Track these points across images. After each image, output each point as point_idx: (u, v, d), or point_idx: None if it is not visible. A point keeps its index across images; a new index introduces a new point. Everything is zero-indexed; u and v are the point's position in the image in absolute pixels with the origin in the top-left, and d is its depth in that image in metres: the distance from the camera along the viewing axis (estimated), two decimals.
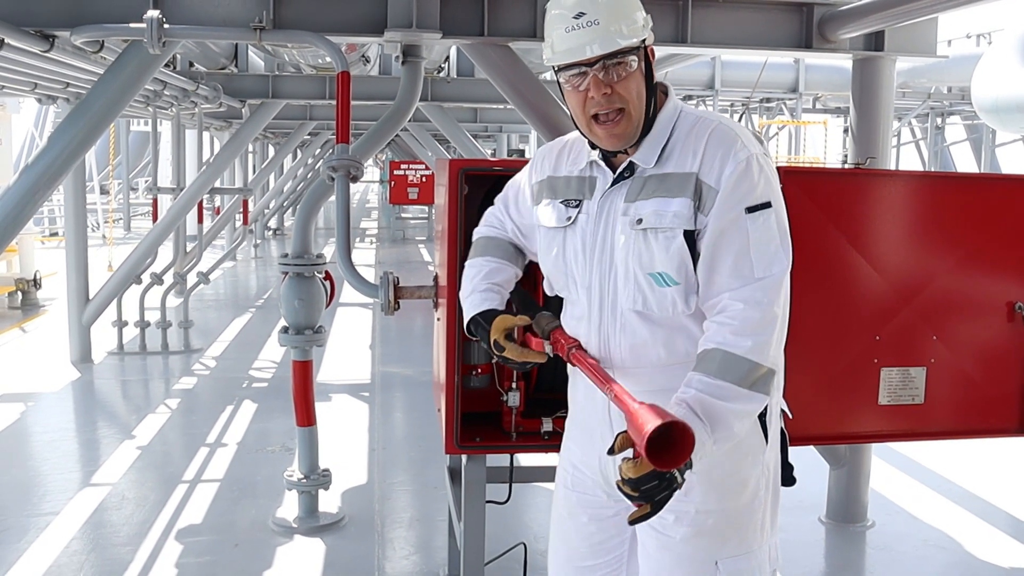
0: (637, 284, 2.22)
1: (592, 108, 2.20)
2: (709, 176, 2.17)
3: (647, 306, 2.23)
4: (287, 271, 4.98)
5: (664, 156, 2.24)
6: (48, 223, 23.82)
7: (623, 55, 2.16)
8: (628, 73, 2.18)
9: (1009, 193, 3.94)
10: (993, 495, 5.73)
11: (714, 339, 2.12)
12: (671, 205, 2.17)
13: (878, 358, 3.85)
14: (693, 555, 2.31)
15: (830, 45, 5.10)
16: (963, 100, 22.66)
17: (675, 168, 2.21)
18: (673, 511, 2.24)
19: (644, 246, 2.20)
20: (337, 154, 4.57)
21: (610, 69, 2.16)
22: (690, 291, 2.20)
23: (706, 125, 2.25)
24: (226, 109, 10.63)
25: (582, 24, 2.14)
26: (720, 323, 2.13)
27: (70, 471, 6.09)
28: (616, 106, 2.18)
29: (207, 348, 10.02)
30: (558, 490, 2.61)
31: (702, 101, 23.86)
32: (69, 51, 5.71)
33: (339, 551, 4.86)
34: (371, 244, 23.21)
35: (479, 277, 2.53)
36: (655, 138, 2.26)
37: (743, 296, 2.12)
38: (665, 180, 2.21)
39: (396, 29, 4.85)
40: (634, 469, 1.90)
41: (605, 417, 2.36)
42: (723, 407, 2.06)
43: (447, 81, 10.33)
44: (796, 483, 2.49)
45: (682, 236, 2.16)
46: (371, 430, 7.02)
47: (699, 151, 2.20)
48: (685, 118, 2.29)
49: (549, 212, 2.39)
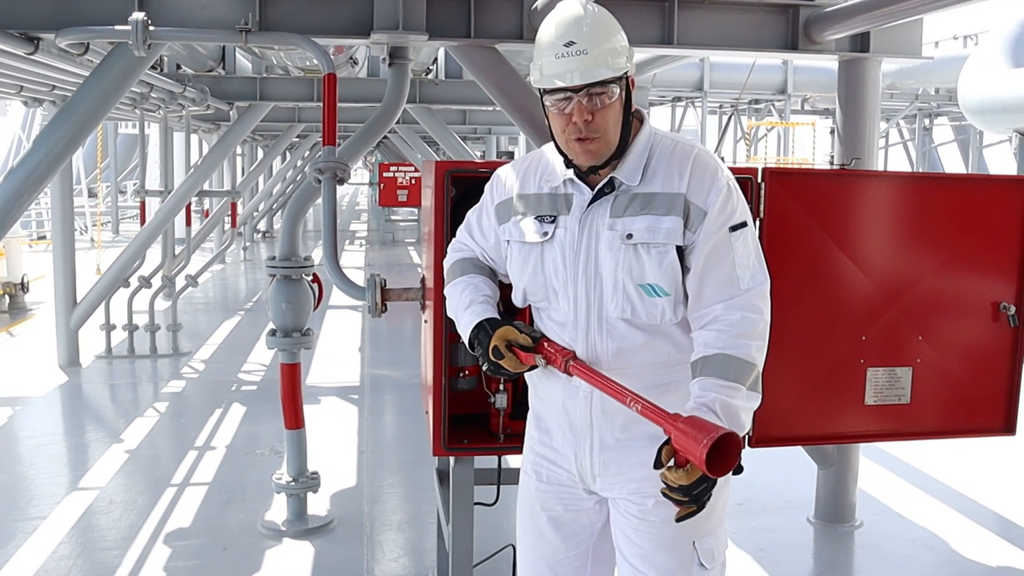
0: (626, 294, 2.36)
1: (573, 133, 2.33)
2: (697, 198, 2.34)
3: (635, 314, 2.37)
4: (274, 274, 4.98)
5: (647, 175, 2.39)
6: (36, 226, 23.72)
7: (607, 84, 2.30)
8: (610, 102, 2.32)
9: (993, 193, 3.96)
10: (980, 494, 5.75)
11: (715, 345, 2.29)
12: (663, 223, 2.33)
13: (864, 358, 3.86)
14: (673, 537, 2.44)
15: (816, 46, 5.12)
16: (950, 101, 22.79)
17: (662, 188, 2.36)
18: (652, 496, 2.39)
19: (635, 259, 2.34)
20: (324, 156, 4.56)
21: (594, 97, 2.30)
22: (678, 301, 2.37)
23: (686, 150, 2.42)
24: (214, 111, 10.60)
25: (572, 52, 2.28)
26: (719, 331, 2.30)
27: (58, 475, 6.06)
28: (593, 135, 2.32)
29: (196, 351, 9.99)
30: (526, 486, 2.67)
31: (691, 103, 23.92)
32: (54, 53, 5.70)
33: (328, 554, 4.85)
34: (360, 246, 23.18)
35: (470, 290, 2.59)
36: (636, 158, 2.40)
37: (738, 305, 2.32)
38: (653, 198, 2.35)
39: (382, 31, 4.85)
40: (686, 476, 2.07)
41: (587, 417, 2.46)
42: (737, 406, 2.24)
43: (435, 83, 10.33)
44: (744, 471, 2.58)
45: (674, 251, 2.33)
46: (360, 433, 7.01)
47: (684, 174, 2.37)
48: (661, 141, 2.45)
49: (522, 228, 2.49)
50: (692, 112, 25.99)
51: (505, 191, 2.58)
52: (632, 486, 2.44)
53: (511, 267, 2.54)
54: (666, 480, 2.08)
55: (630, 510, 2.46)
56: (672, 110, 26.70)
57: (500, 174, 2.64)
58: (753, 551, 4.84)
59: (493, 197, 2.62)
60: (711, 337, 2.30)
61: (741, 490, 5.46)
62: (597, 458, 2.46)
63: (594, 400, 2.42)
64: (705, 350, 2.29)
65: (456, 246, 2.76)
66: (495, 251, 2.63)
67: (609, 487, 2.48)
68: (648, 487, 2.39)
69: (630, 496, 2.45)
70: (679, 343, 2.40)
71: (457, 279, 2.65)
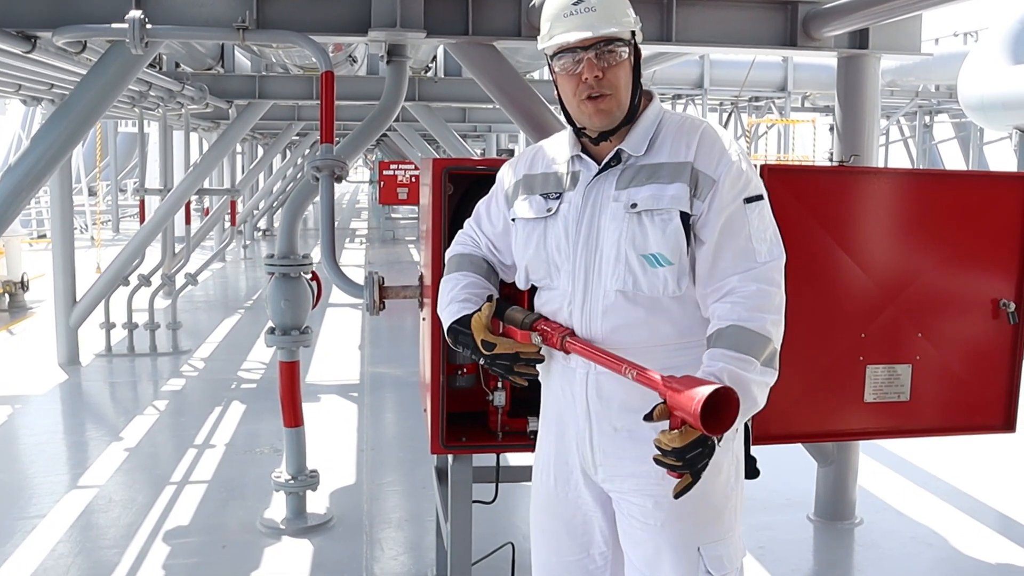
0: (628, 266, 2.32)
1: (584, 91, 2.32)
2: (706, 167, 2.32)
3: (636, 286, 2.32)
4: (273, 272, 4.97)
5: (654, 147, 2.37)
6: (36, 225, 23.73)
7: (615, 43, 2.31)
8: (618, 62, 2.33)
9: (992, 190, 3.95)
10: (980, 491, 5.74)
11: (730, 317, 2.23)
12: (668, 190, 2.31)
13: (864, 355, 3.86)
14: (675, 541, 2.38)
15: (815, 43, 5.11)
16: (951, 98, 22.78)
17: (668, 158, 2.35)
18: (651, 495, 2.37)
19: (639, 228, 2.31)
20: (321, 154, 4.56)
21: (603, 55, 2.31)
22: (682, 273, 2.32)
23: (695, 124, 2.41)
24: (213, 110, 10.59)
25: (580, 10, 2.31)
26: (734, 303, 2.24)
27: (57, 474, 6.06)
28: (605, 91, 2.32)
29: (196, 349, 9.99)
30: (539, 487, 2.63)
31: (691, 100, 23.91)
32: (52, 52, 5.69)
33: (327, 552, 4.85)
34: (361, 244, 23.18)
35: (457, 288, 2.58)
36: (643, 129, 2.39)
37: (755, 277, 2.26)
38: (659, 169, 2.34)
39: (380, 28, 4.84)
40: (680, 438, 2.00)
41: (584, 402, 2.43)
42: (748, 379, 2.17)
43: (434, 81, 10.32)
44: (760, 476, 2.56)
45: (679, 218, 2.29)
46: (360, 430, 7.01)
47: (692, 144, 2.35)
48: (671, 117, 2.44)
49: (527, 205, 2.48)
50: (693, 109, 25.99)
51: (516, 172, 2.59)
52: (631, 483, 2.40)
53: (516, 246, 2.53)
54: (659, 444, 2.03)
55: (632, 511, 2.42)
56: (672, 107, 26.69)
57: (514, 160, 2.65)
58: (753, 549, 4.83)
59: (503, 183, 2.63)
60: (725, 310, 2.24)
61: None
62: (597, 444, 2.42)
63: (589, 385, 2.39)
64: (719, 323, 2.24)
65: (460, 239, 2.74)
66: (503, 238, 2.62)
67: (609, 478, 2.44)
68: (647, 485, 2.37)
69: (630, 495, 2.41)
70: (679, 324, 2.34)
71: (452, 273, 2.64)
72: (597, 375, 2.38)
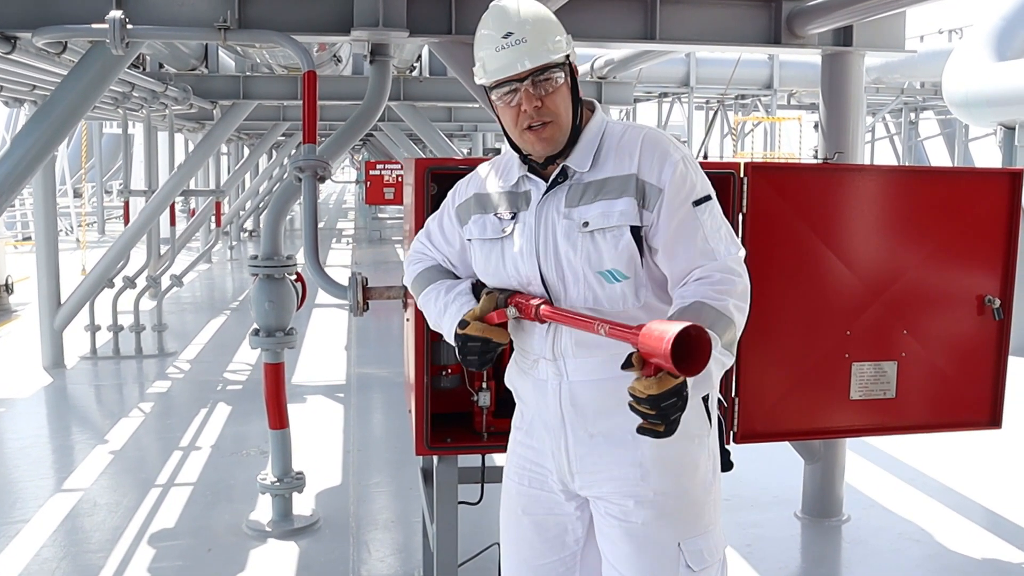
0: (587, 283, 2.33)
1: (524, 121, 2.33)
2: (650, 176, 2.31)
3: (598, 302, 2.33)
4: (257, 273, 4.94)
5: (599, 162, 2.37)
6: (21, 227, 23.59)
7: (550, 70, 2.31)
8: (555, 88, 2.33)
9: (977, 186, 3.95)
10: (966, 488, 5.76)
11: (694, 295, 2.22)
12: (616, 205, 2.31)
13: (849, 353, 3.85)
14: (656, 539, 2.38)
15: (799, 40, 5.11)
16: (936, 95, 22.84)
17: (613, 172, 2.34)
18: (632, 496, 2.37)
19: (592, 247, 2.31)
20: (304, 154, 4.54)
21: (539, 84, 2.31)
22: (640, 285, 2.33)
23: (636, 132, 2.40)
24: (197, 110, 10.55)
25: (511, 43, 2.30)
26: (698, 284, 2.23)
27: (42, 477, 6.02)
28: (546, 119, 2.32)
29: (182, 351, 9.94)
30: (510, 489, 2.63)
31: (677, 99, 23.92)
32: (32, 53, 5.66)
33: (314, 554, 4.82)
34: (347, 245, 23.13)
35: (443, 293, 2.55)
36: (586, 145, 2.39)
37: (718, 267, 2.26)
38: (605, 184, 2.34)
39: (363, 28, 4.82)
40: (657, 385, 1.95)
41: (557, 412, 2.42)
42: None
43: (419, 80, 10.30)
44: (733, 468, 2.60)
45: (629, 233, 2.29)
46: (346, 432, 6.98)
47: (635, 154, 2.34)
48: (612, 128, 2.44)
49: (482, 226, 2.49)
50: (679, 108, 25.99)
51: (465, 192, 2.59)
52: (611, 486, 2.39)
53: (475, 265, 2.53)
54: (634, 392, 1.98)
55: (611, 511, 2.41)
56: (659, 106, 26.71)
57: (462, 181, 2.65)
58: (740, 547, 4.83)
59: (454, 200, 2.62)
60: (689, 291, 2.23)
61: (727, 486, 5.41)
62: (573, 453, 2.41)
63: (563, 394, 2.39)
64: (681, 301, 2.22)
65: (414, 256, 2.73)
66: (460, 256, 2.61)
67: (588, 485, 2.43)
68: (627, 487, 2.37)
69: (609, 496, 2.40)
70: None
71: (427, 288, 2.61)
72: (571, 384, 2.38)
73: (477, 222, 2.50)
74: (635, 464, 2.36)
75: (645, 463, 2.35)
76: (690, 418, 2.30)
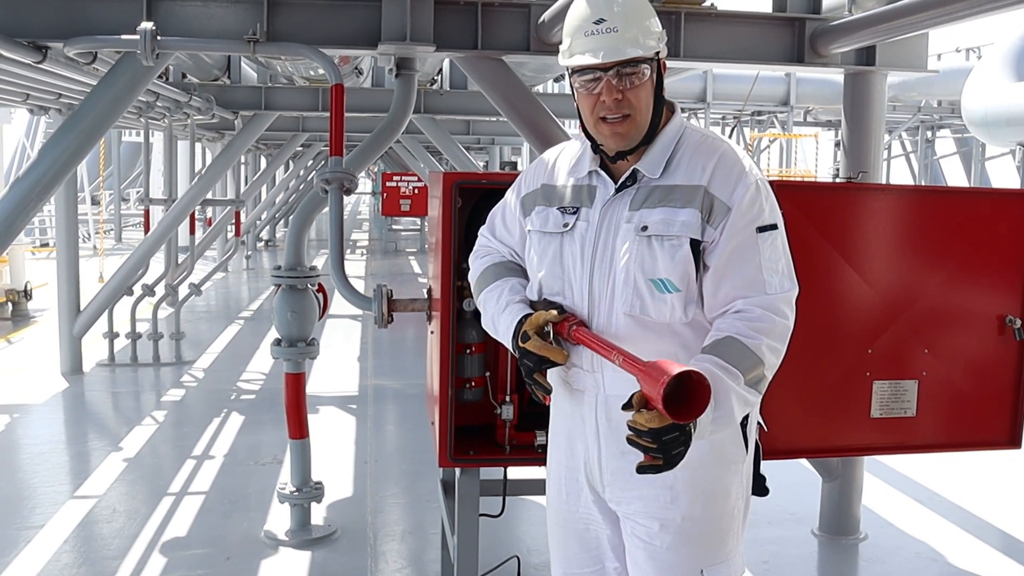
0: (636, 289, 2.26)
1: (601, 111, 2.26)
2: (721, 192, 2.24)
3: (644, 311, 2.27)
4: (280, 283, 4.98)
5: (670, 168, 2.30)
6: (39, 233, 23.73)
7: (637, 64, 2.23)
8: (640, 82, 2.25)
9: (998, 207, 3.96)
10: (983, 509, 5.73)
11: (728, 329, 2.18)
12: (679, 215, 2.24)
13: (870, 371, 3.85)
14: (679, 564, 2.36)
15: (822, 59, 5.12)
16: (953, 114, 22.80)
17: (683, 180, 2.27)
18: (658, 519, 2.33)
19: (648, 252, 2.25)
20: (330, 167, 4.57)
21: (623, 76, 2.23)
22: (690, 300, 2.26)
23: (714, 144, 2.33)
24: (218, 120, 10.62)
25: (602, 30, 2.22)
26: (735, 318, 2.20)
27: (59, 483, 6.05)
28: (624, 112, 2.25)
29: (197, 360, 9.99)
30: (552, 502, 2.61)
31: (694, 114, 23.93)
32: (62, 62, 5.71)
33: (331, 564, 4.84)
34: (362, 256, 23.18)
35: (506, 292, 2.48)
36: (661, 149, 2.31)
37: (761, 303, 2.21)
38: (672, 191, 2.27)
39: (390, 42, 4.86)
40: (659, 418, 1.94)
41: (593, 425, 2.40)
42: (729, 385, 2.11)
43: (440, 93, 10.34)
44: (769, 493, 2.54)
45: (688, 245, 2.22)
46: (363, 443, 7.00)
47: (708, 167, 2.27)
48: (691, 134, 2.36)
49: (544, 218, 2.43)
50: (695, 123, 25.95)
51: (533, 181, 2.52)
52: (639, 504, 2.37)
53: (529, 257, 2.47)
54: (635, 425, 1.96)
55: (637, 532, 2.38)
56: None
57: (532, 167, 2.58)
58: (757, 564, 4.82)
59: (520, 190, 2.56)
60: (726, 324, 2.19)
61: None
62: (606, 466, 2.39)
63: (599, 408, 2.37)
64: (716, 334, 2.19)
65: (480, 251, 2.67)
66: (521, 246, 2.55)
67: (618, 500, 2.42)
68: (655, 508, 2.35)
69: (636, 516, 2.38)
70: (692, 350, 2.25)
71: (491, 285, 2.54)
72: (607, 398, 2.34)
73: (540, 214, 2.44)
74: (666, 486, 2.32)
75: (676, 485, 2.31)
76: (727, 443, 2.32)
